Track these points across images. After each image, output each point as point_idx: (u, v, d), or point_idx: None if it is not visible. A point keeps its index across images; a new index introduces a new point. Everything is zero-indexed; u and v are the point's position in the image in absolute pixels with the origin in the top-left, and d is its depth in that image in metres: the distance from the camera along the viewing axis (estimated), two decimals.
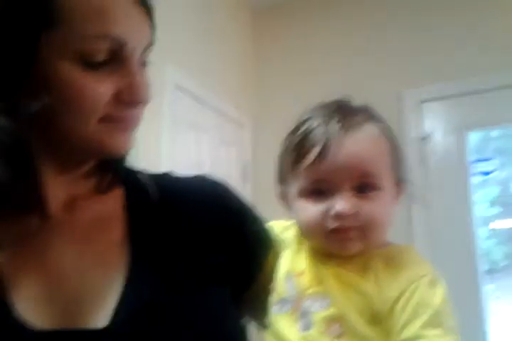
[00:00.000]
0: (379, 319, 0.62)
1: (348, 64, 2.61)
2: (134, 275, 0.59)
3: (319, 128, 0.69)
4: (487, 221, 4.94)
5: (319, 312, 0.64)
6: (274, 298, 0.70)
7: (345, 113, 0.72)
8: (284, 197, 0.77)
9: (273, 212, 0.82)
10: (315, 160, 0.67)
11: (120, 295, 0.56)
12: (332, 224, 0.66)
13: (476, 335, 2.26)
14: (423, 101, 2.48)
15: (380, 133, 0.73)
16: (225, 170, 2.35)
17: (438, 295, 0.63)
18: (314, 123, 0.70)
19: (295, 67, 2.71)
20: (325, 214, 0.67)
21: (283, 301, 0.69)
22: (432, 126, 2.45)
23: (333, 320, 0.63)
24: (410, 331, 0.59)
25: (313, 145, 0.67)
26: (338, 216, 0.66)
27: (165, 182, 0.73)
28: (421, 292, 0.62)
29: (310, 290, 0.67)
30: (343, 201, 0.66)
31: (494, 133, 4.56)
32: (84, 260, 0.60)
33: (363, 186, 0.68)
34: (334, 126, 0.68)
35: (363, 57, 2.59)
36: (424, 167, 2.44)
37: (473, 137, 4.33)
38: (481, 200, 4.75)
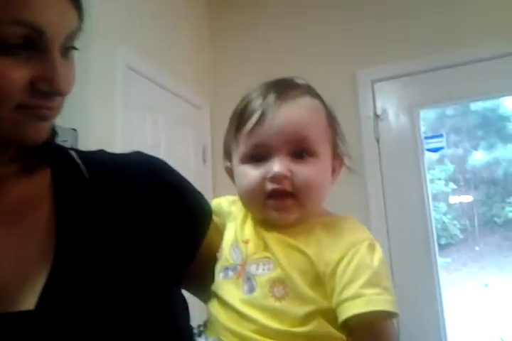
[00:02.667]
0: (321, 281, 0.64)
1: (303, 46, 2.62)
2: (61, 256, 0.58)
3: (259, 99, 0.72)
4: (444, 197, 5.09)
5: (263, 275, 0.66)
6: (219, 266, 0.72)
7: (283, 86, 0.74)
8: (229, 172, 0.79)
9: (232, 193, 0.83)
10: (254, 126, 0.70)
11: (48, 277, 0.56)
12: (269, 187, 0.68)
13: (432, 305, 2.35)
14: (375, 81, 2.52)
15: (316, 105, 0.75)
16: (182, 151, 2.34)
17: (376, 258, 0.65)
18: (254, 95, 0.74)
19: (251, 48, 2.71)
20: (263, 177, 0.69)
21: (229, 268, 0.70)
22: (385, 105, 2.50)
23: (276, 282, 0.65)
24: (351, 290, 0.62)
25: (252, 113, 0.71)
26: (275, 178, 0.68)
27: (97, 159, 0.72)
28: (361, 255, 0.64)
29: (255, 256, 0.69)
30: (279, 163, 0.68)
31: (449, 111, 4.68)
32: (10, 241, 0.59)
33: (300, 151, 0.70)
34: (272, 96, 0.71)
35: (316, 39, 2.61)
36: (378, 144, 2.48)
37: (429, 115, 4.46)
38: (438, 177, 4.90)
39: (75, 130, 1.65)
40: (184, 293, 0.71)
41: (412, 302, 2.34)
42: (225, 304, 0.67)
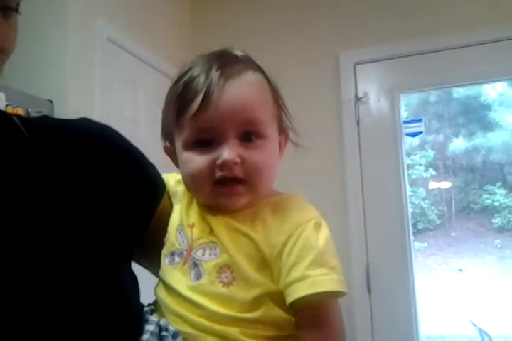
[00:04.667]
0: (268, 264, 0.63)
1: (286, 27, 2.58)
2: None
3: (200, 77, 0.67)
4: (423, 182, 5.15)
5: (210, 260, 0.65)
6: (166, 251, 0.70)
7: (225, 61, 0.69)
8: (169, 152, 0.74)
9: None
10: (198, 109, 0.65)
11: None
12: (218, 174, 0.65)
13: (405, 288, 2.38)
14: (358, 63, 2.51)
15: (261, 80, 0.71)
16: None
17: (322, 237, 0.64)
18: (195, 72, 0.68)
19: (232, 25, 2.66)
20: (211, 164, 0.65)
21: (175, 253, 0.68)
22: (366, 88, 2.50)
23: (223, 268, 0.64)
24: (296, 272, 0.61)
25: (194, 95, 0.66)
26: (225, 165, 0.65)
27: (41, 123, 0.68)
28: (306, 235, 0.63)
29: (200, 241, 0.67)
30: (229, 150, 0.65)
31: (432, 98, 4.71)
32: None
33: (248, 134, 0.67)
34: (215, 74, 0.66)
35: (299, 21, 2.58)
36: (358, 127, 2.49)
37: (412, 101, 4.48)
38: (418, 162, 4.95)
39: (51, 101, 1.62)
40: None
41: (385, 284, 2.38)
42: (172, 290, 0.66)
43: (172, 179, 0.77)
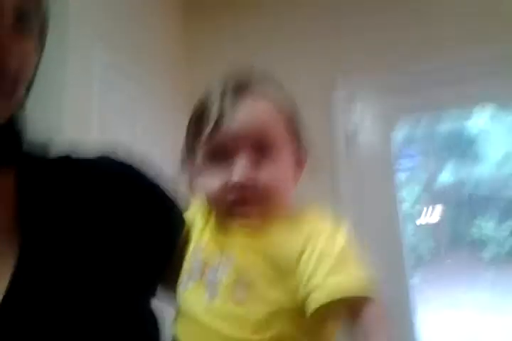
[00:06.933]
0: (283, 278, 0.64)
1: (281, 50, 2.57)
2: (23, 263, 0.55)
3: (215, 104, 0.71)
4: (411, 218, 5.16)
5: (223, 280, 0.66)
6: (181, 278, 0.72)
7: (241, 87, 0.73)
8: (190, 185, 0.77)
9: None
10: (211, 132, 0.69)
11: (8, 285, 0.53)
12: (231, 196, 0.68)
13: (405, 326, 2.32)
14: (353, 93, 2.50)
15: (274, 104, 0.74)
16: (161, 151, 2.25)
17: (339, 244, 0.66)
18: (211, 99, 0.73)
19: (228, 50, 2.62)
20: (224, 186, 0.69)
21: (189, 276, 0.70)
22: (361, 118, 2.48)
23: (237, 286, 0.65)
24: (316, 280, 0.62)
25: (208, 119, 0.70)
26: (236, 186, 0.68)
27: (66, 162, 0.68)
28: (322, 243, 0.65)
29: (214, 261, 0.68)
30: (239, 171, 0.68)
31: (418, 133, 4.77)
32: None
33: (259, 154, 0.70)
34: (228, 101, 0.71)
35: (295, 42, 2.58)
36: (351, 161, 2.46)
37: (397, 137, 4.51)
38: (406, 198, 4.96)
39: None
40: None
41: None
42: (188, 318, 0.66)
43: (195, 206, 0.79)
